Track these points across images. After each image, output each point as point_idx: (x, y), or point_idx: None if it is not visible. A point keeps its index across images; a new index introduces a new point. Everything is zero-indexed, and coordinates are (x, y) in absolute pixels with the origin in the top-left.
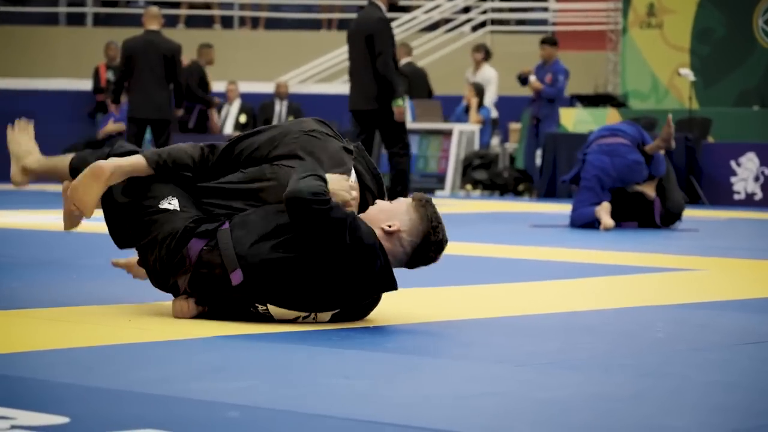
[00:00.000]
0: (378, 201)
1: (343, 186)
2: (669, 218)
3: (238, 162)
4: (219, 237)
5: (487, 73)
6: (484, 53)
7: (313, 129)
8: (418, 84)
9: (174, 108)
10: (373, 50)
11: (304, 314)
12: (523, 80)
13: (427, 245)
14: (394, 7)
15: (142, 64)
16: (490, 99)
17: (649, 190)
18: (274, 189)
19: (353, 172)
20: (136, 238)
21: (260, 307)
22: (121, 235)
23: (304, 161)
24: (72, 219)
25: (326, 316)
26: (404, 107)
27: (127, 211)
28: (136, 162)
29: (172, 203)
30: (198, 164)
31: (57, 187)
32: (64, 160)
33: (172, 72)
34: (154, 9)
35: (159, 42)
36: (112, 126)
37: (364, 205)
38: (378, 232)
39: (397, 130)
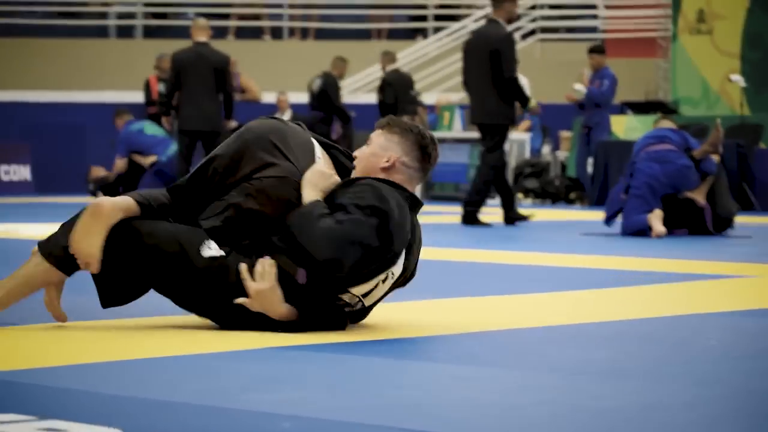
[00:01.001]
0: (355, 155)
1: (328, 181)
2: (720, 224)
3: (212, 185)
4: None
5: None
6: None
7: (269, 131)
8: (402, 90)
9: (224, 119)
10: (498, 66)
11: (382, 277)
12: (580, 105)
13: (425, 149)
14: (444, 18)
15: (193, 76)
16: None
17: (700, 196)
18: (267, 201)
19: (319, 149)
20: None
21: (346, 296)
22: (117, 292)
23: (277, 166)
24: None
25: (397, 268)
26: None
27: (165, 263)
28: (125, 200)
29: (212, 247)
30: (173, 201)
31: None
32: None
33: (222, 83)
34: (202, 21)
35: (208, 54)
36: (101, 172)
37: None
38: (381, 174)
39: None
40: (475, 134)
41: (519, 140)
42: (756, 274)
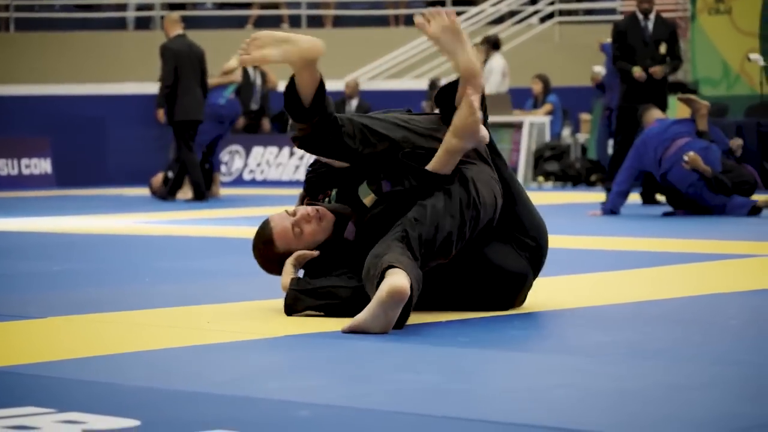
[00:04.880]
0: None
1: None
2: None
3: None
4: None
5: (492, 63)
6: (488, 45)
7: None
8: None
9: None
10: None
11: None
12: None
13: None
14: (463, 2)
15: (187, 67)
16: (495, 87)
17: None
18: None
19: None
20: None
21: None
22: None
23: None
24: None
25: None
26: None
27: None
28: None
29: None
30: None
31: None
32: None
33: (204, 74)
34: (175, 15)
35: (193, 46)
36: (159, 179)
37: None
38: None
39: None
40: (496, 118)
41: (539, 123)
42: None
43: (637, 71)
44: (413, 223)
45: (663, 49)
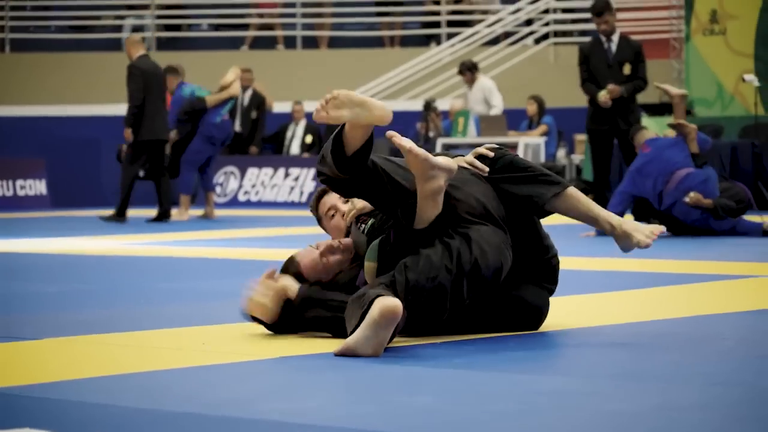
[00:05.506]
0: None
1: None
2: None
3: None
4: None
5: (485, 84)
6: (469, 72)
7: None
8: None
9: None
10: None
11: None
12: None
13: None
14: (458, 24)
15: (155, 87)
16: (498, 107)
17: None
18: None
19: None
20: None
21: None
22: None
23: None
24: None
25: None
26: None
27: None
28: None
29: None
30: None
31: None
32: None
33: (165, 94)
34: (136, 35)
35: (158, 66)
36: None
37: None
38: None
39: None
40: (488, 140)
41: (534, 144)
42: None
43: (602, 96)
44: (403, 268)
45: (627, 69)
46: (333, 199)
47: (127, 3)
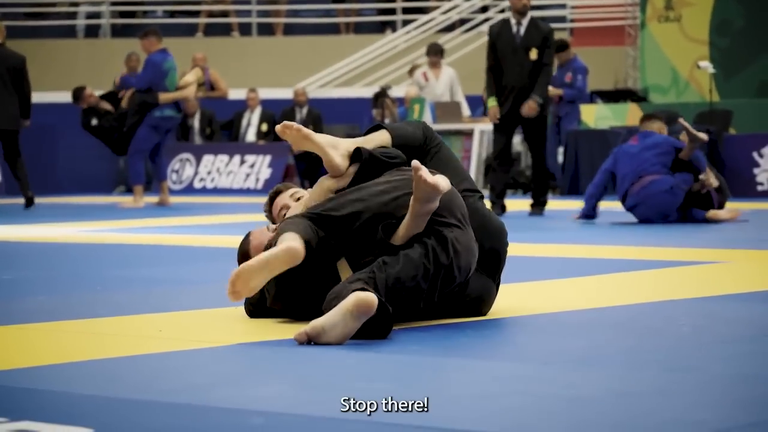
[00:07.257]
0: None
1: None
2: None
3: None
4: None
5: (451, 72)
6: (440, 52)
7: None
8: None
9: (21, 118)
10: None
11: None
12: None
13: None
14: (413, 11)
15: (2, 76)
16: (461, 96)
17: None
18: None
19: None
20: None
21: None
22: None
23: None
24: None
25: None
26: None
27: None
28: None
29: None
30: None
31: (79, 200)
32: None
33: (20, 83)
34: None
35: (6, 55)
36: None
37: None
38: None
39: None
40: (447, 126)
41: (489, 130)
42: (727, 259)
43: (492, 108)
44: (381, 265)
45: (533, 55)
46: (285, 198)
47: None
